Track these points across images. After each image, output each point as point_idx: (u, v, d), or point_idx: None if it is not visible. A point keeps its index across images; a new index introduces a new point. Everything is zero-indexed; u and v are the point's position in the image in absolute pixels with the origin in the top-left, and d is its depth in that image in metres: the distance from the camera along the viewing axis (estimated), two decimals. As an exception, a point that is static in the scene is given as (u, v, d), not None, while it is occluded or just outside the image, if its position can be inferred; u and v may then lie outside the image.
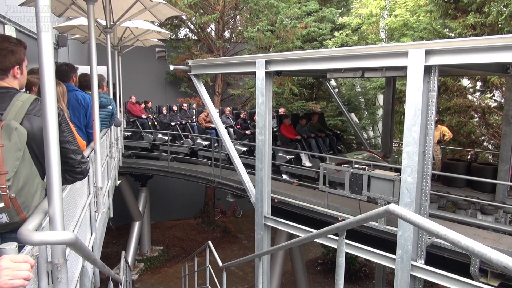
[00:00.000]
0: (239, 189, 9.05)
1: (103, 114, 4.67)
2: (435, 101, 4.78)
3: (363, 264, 13.43)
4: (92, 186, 3.71)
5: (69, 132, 1.99)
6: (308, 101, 15.23)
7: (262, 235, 7.12)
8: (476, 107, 10.92)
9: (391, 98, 9.84)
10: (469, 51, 4.34)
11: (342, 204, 6.91)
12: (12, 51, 1.92)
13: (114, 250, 13.88)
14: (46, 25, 1.58)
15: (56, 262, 1.74)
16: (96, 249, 3.81)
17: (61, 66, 3.99)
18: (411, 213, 1.83)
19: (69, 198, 2.53)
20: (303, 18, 13.85)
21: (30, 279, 1.29)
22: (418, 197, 4.97)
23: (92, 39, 3.92)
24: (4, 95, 1.89)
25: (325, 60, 5.85)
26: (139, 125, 12.70)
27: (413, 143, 4.83)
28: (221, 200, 16.76)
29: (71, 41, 10.65)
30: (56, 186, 1.65)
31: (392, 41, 13.98)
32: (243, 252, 14.57)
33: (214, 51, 15.23)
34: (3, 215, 1.78)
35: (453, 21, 9.44)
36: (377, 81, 13.20)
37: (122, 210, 12.38)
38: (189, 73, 7.98)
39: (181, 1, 12.37)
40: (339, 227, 2.51)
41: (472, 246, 1.46)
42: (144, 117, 12.86)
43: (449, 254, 5.26)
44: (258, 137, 6.87)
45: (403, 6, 13.43)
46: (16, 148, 1.76)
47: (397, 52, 4.95)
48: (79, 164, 2.05)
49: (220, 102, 15.67)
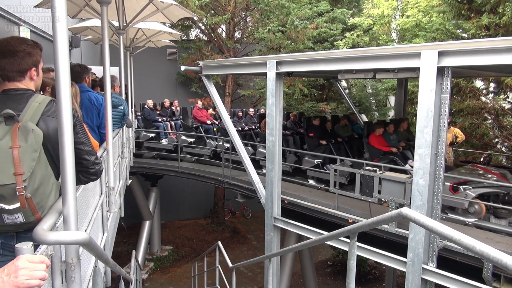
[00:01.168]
0: (249, 189, 9.06)
1: (114, 115, 4.71)
2: (448, 102, 4.72)
3: (373, 266, 13.33)
4: (104, 186, 3.75)
5: (83, 133, 2.01)
6: (319, 102, 15.19)
7: (272, 236, 7.11)
8: (490, 109, 10.79)
9: (402, 100, 9.77)
10: (483, 52, 4.28)
11: (352, 206, 6.87)
12: (30, 53, 1.94)
13: (125, 249, 13.98)
14: (62, 27, 1.59)
15: (70, 261, 1.76)
16: (107, 248, 3.85)
17: (74, 67, 4.03)
18: (424, 217, 1.81)
19: (82, 198, 2.56)
20: (314, 19, 13.81)
21: (46, 279, 1.31)
22: (430, 200, 4.92)
23: (105, 40, 3.96)
24: (21, 97, 1.92)
25: (336, 61, 5.83)
26: (203, 131, 12.18)
27: (425, 145, 4.79)
28: (230, 200, 16.79)
29: (84, 42, 10.76)
30: (71, 186, 1.68)
31: (404, 42, 13.88)
32: (252, 252, 14.57)
33: (224, 52, 15.27)
34: (19, 215, 1.81)
35: (467, 21, 9.34)
36: (389, 82, 13.12)
37: (132, 210, 12.48)
38: (200, 74, 8.02)
39: (192, 2, 12.43)
40: (351, 230, 2.50)
41: (487, 251, 1.44)
42: (209, 123, 12.40)
43: (461, 258, 5.19)
44: (269, 138, 6.86)
45: (415, 7, 13.34)
46: (32, 149, 1.79)
47: (410, 53, 4.91)
48: (93, 165, 2.07)
49: (230, 102, 15.70)
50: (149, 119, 12.39)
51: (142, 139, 12.24)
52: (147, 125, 12.44)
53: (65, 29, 1.60)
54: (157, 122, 12.39)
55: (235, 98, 16.42)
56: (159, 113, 12.71)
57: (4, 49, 1.90)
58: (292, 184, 8.69)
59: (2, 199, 1.76)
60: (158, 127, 12.41)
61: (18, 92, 1.94)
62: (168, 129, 12.59)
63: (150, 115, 12.40)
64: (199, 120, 12.43)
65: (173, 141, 12.05)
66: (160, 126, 12.40)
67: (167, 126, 12.66)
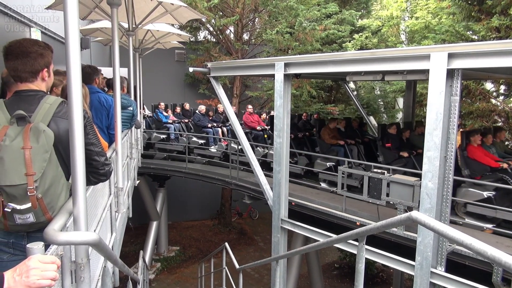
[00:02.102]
0: (256, 191, 9.05)
1: (123, 116, 4.74)
2: (457, 105, 4.68)
3: (380, 269, 13.23)
4: (113, 186, 3.77)
5: (93, 134, 2.03)
6: (326, 104, 15.14)
7: (279, 238, 7.10)
8: (500, 111, 10.66)
9: (411, 102, 9.70)
10: (494, 55, 4.24)
11: (360, 208, 6.83)
12: (42, 55, 1.97)
13: (132, 249, 14.05)
14: (74, 29, 1.61)
15: (80, 261, 1.78)
16: (116, 248, 3.87)
17: (85, 68, 4.06)
18: (434, 221, 1.79)
19: (91, 199, 2.58)
20: (322, 21, 13.79)
21: (57, 279, 1.33)
22: (439, 203, 4.88)
23: (115, 41, 3.99)
24: (33, 98, 1.95)
25: (345, 63, 5.82)
26: (252, 138, 11.26)
27: (434, 148, 4.75)
28: (237, 201, 16.80)
29: (93, 43, 10.84)
30: (81, 187, 1.69)
31: (413, 43, 13.80)
32: (259, 254, 14.55)
33: (233, 53, 15.29)
34: (30, 215, 1.83)
35: (477, 23, 9.25)
36: (397, 84, 13.05)
37: (140, 210, 12.52)
38: (208, 75, 8.05)
39: (201, 3, 12.47)
40: (360, 233, 2.49)
41: (499, 256, 1.42)
42: (259, 129, 11.50)
43: (470, 262, 5.13)
44: (276, 140, 6.86)
45: (424, 8, 13.25)
46: (43, 150, 1.81)
47: (419, 55, 4.88)
48: (103, 166, 2.08)
49: (238, 104, 15.71)
50: (199, 125, 12.00)
51: (153, 140, 12.12)
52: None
53: (77, 31, 1.61)
54: (207, 128, 11.91)
55: (242, 99, 16.43)
56: (212, 119, 12.28)
57: (17, 50, 1.92)
58: (299, 186, 8.64)
59: (14, 199, 1.78)
60: (208, 133, 11.87)
61: (30, 93, 1.96)
62: (219, 135, 12.03)
63: (201, 120, 11.99)
64: (250, 126, 11.47)
65: (222, 148, 11.52)
66: (209, 133, 11.88)
67: (217, 132, 12.12)
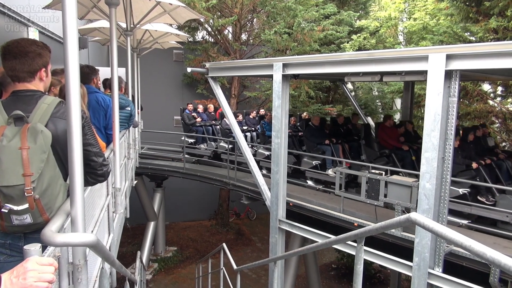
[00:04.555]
0: (254, 191, 9.04)
1: (121, 116, 4.73)
2: (455, 106, 4.69)
3: (378, 270, 13.24)
4: (110, 187, 3.75)
5: (91, 135, 2.02)
6: (324, 104, 15.15)
7: (277, 239, 7.09)
8: (497, 113, 10.71)
9: (409, 102, 9.72)
10: (492, 56, 4.25)
11: (358, 209, 6.83)
12: (40, 54, 1.96)
13: (129, 250, 14.01)
14: (72, 29, 1.59)
15: (77, 263, 1.76)
16: (113, 249, 3.86)
17: (83, 68, 4.05)
18: (433, 222, 1.79)
19: (88, 199, 2.56)
20: (320, 21, 13.80)
21: (54, 282, 1.32)
22: (437, 204, 4.88)
23: (113, 41, 3.97)
24: (31, 98, 1.94)
25: (343, 63, 5.82)
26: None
27: (432, 149, 4.76)
28: (235, 202, 16.78)
29: (91, 43, 10.81)
30: (79, 188, 1.68)
31: (410, 44, 13.82)
32: (256, 254, 14.54)
33: (231, 54, 15.27)
34: (27, 215, 1.81)
35: (475, 24, 9.28)
36: (395, 85, 13.07)
37: (137, 210, 12.49)
38: (206, 76, 8.03)
39: (199, 4, 12.45)
40: (358, 234, 2.48)
41: (498, 258, 1.42)
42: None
43: (467, 263, 5.15)
44: (274, 140, 6.85)
45: (422, 9, 13.27)
46: (41, 151, 1.79)
47: (417, 57, 4.88)
48: (101, 166, 2.07)
49: (236, 104, 15.70)
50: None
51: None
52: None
53: (75, 31, 1.60)
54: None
55: (240, 100, 16.42)
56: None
57: (15, 49, 1.91)
58: (297, 187, 8.67)
59: (11, 199, 1.77)
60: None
61: (27, 94, 1.95)
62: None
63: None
64: (389, 143, 9.92)
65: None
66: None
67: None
